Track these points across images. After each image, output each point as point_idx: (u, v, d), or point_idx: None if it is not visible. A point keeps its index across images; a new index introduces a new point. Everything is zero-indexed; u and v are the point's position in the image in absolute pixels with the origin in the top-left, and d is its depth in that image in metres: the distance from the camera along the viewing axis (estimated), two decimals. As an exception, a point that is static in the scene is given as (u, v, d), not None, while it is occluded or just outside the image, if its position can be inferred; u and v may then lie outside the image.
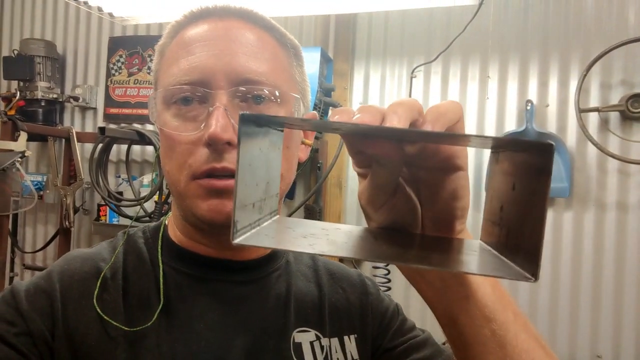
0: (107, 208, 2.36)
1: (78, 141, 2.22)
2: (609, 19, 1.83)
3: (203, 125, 0.56)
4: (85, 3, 1.49)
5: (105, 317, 0.57)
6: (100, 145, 2.15)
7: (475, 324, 0.42)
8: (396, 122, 0.34)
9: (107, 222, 2.34)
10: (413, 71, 2.01)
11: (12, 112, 2.38)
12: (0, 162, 1.90)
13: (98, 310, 0.58)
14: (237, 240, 0.33)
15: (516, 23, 1.91)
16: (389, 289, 1.75)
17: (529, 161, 0.34)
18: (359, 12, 1.98)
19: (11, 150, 2.01)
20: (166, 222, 0.69)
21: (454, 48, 1.87)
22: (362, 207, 0.42)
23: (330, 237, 0.38)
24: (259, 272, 0.65)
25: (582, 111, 1.76)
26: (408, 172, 0.40)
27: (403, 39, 2.05)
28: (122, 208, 2.18)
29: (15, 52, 2.36)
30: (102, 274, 0.61)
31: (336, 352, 0.66)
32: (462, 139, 0.36)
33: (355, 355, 0.67)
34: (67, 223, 2.24)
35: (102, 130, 1.96)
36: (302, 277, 0.70)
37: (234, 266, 0.64)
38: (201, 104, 0.57)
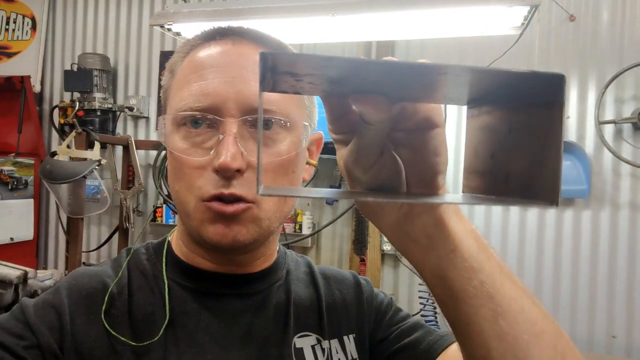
0: (163, 210, 2.57)
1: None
2: (620, 42, 2.11)
3: (213, 151, 0.56)
4: (178, 34, 1.69)
5: (113, 332, 0.58)
6: (163, 152, 2.35)
7: (464, 276, 0.42)
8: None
9: (164, 222, 2.55)
10: (448, 86, 2.25)
11: (72, 122, 2.57)
12: (80, 169, 2.09)
13: (105, 324, 0.59)
14: (262, 192, 0.34)
15: (540, 45, 2.17)
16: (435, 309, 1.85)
17: (529, 100, 0.35)
18: (397, 39, 2.21)
19: (85, 159, 2.20)
20: (169, 238, 0.69)
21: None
22: (347, 170, 0.41)
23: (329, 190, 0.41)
24: (262, 284, 0.66)
25: (600, 123, 2.03)
26: (389, 136, 0.41)
27: (437, 59, 2.30)
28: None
29: (75, 66, 2.55)
30: (110, 289, 0.61)
31: (337, 352, 0.67)
32: (463, 69, 0.33)
33: (355, 355, 0.68)
34: (127, 224, 2.44)
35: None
36: (301, 284, 0.71)
37: (238, 280, 0.65)
38: (210, 127, 0.57)
